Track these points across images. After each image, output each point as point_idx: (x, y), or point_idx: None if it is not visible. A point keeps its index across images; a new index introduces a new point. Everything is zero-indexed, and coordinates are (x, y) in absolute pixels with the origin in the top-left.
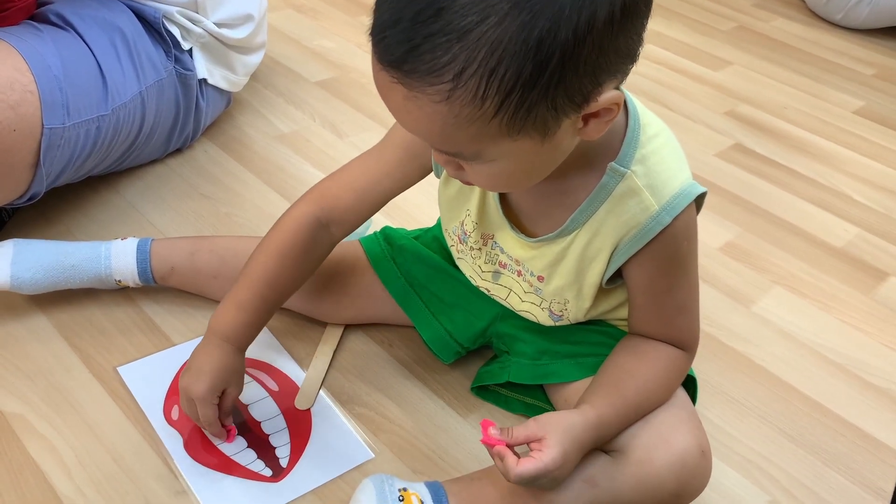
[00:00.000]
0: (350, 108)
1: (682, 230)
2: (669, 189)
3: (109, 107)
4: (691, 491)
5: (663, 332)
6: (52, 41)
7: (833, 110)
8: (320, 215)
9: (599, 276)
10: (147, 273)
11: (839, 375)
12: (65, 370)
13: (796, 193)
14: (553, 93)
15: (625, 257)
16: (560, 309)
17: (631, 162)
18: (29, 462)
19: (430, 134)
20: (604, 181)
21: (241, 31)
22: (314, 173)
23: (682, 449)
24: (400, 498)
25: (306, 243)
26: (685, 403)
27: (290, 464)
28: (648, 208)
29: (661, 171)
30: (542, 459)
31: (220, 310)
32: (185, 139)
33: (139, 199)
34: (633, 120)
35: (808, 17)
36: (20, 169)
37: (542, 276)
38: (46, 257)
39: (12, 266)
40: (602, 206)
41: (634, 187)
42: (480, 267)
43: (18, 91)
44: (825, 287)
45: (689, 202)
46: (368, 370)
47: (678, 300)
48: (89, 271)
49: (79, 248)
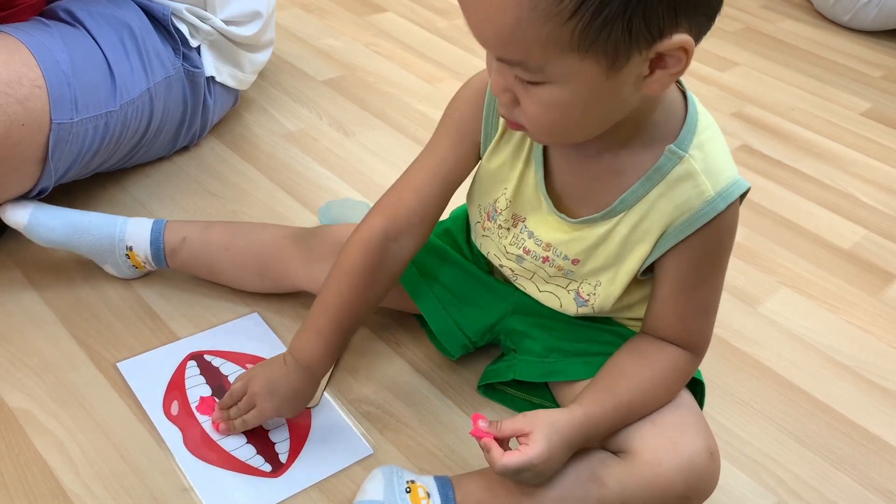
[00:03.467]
0: (357, 106)
1: (730, 222)
2: (725, 177)
3: (117, 103)
4: (700, 494)
5: (677, 330)
6: (61, 37)
7: (840, 112)
8: (387, 227)
9: (640, 261)
10: (159, 242)
11: (846, 377)
12: (71, 365)
13: (803, 195)
14: (632, 11)
15: (672, 242)
16: (589, 293)
17: (689, 146)
18: (36, 457)
19: (501, 29)
20: (660, 163)
21: (249, 28)
22: (321, 171)
23: (690, 451)
24: (407, 489)
25: (377, 260)
26: (692, 406)
27: (289, 459)
28: (704, 193)
29: (716, 158)
30: (527, 453)
31: (301, 335)
32: (192, 137)
33: (146, 196)
34: (692, 107)
35: (816, 19)
36: (29, 163)
37: (578, 259)
38: (66, 212)
39: (34, 208)
40: (655, 189)
41: (692, 171)
42: (506, 248)
43: (27, 86)
44: (832, 288)
45: (741, 192)
46: (375, 368)
47: (702, 299)
48: (104, 231)
49: (98, 213)
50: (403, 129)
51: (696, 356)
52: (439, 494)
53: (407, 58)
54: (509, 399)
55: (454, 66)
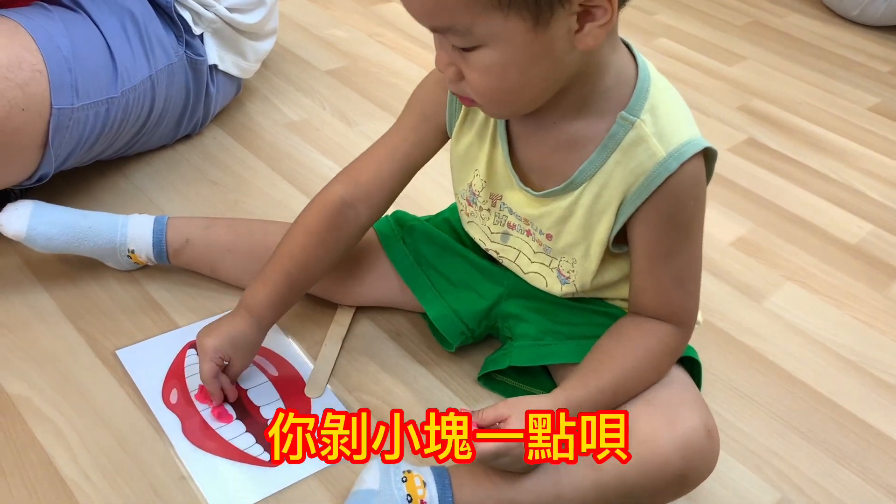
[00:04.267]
0: (360, 96)
1: (688, 183)
2: (677, 138)
3: (119, 89)
4: (698, 473)
5: (658, 304)
6: (62, 22)
7: (848, 107)
8: (344, 193)
9: (607, 231)
10: (161, 244)
11: (851, 372)
12: (71, 354)
13: (809, 189)
14: None
15: (632, 209)
16: (568, 270)
17: (641, 111)
18: (35, 445)
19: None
20: (613, 130)
21: (252, 16)
22: (323, 161)
23: (687, 428)
24: (403, 479)
25: (331, 221)
26: (688, 384)
27: None
28: (655, 154)
29: (669, 121)
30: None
31: (250, 285)
32: (194, 125)
33: (148, 183)
34: (644, 72)
35: (824, 14)
36: (29, 149)
37: (551, 234)
38: (64, 216)
39: (31, 218)
40: (611, 157)
41: (643, 135)
42: (490, 228)
43: (27, 70)
44: (838, 283)
45: (696, 151)
46: (376, 358)
47: (677, 269)
48: (104, 236)
49: (97, 214)
50: None
51: (682, 330)
52: (436, 483)
53: (410, 48)
54: (510, 390)
55: None
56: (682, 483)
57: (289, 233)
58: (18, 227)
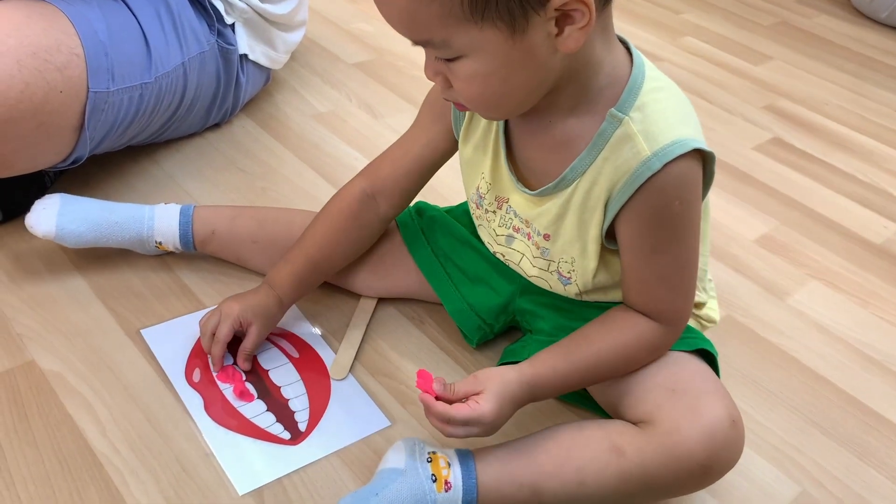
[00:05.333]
0: (386, 89)
1: (673, 184)
2: (664, 138)
3: (153, 75)
4: (722, 463)
5: (643, 300)
6: (100, 8)
7: (875, 108)
8: (366, 186)
9: (598, 228)
10: (188, 236)
11: (874, 370)
12: (102, 332)
13: (835, 189)
14: None
15: (617, 206)
16: (568, 270)
17: (630, 109)
18: (66, 419)
19: (400, 13)
20: (602, 127)
21: (283, 6)
22: (349, 152)
23: (712, 417)
24: (428, 459)
25: (352, 211)
26: (710, 375)
27: (308, 428)
28: (640, 153)
29: (657, 119)
30: (478, 409)
31: (277, 264)
32: (224, 114)
33: (177, 170)
34: (637, 70)
35: (853, 15)
36: (65, 131)
37: (549, 234)
38: (92, 212)
39: (58, 217)
40: (600, 154)
41: (630, 133)
42: (495, 230)
43: (65, 53)
44: (863, 283)
45: (682, 151)
46: (398, 344)
47: (660, 266)
48: (131, 230)
49: (124, 208)
50: None
51: (667, 328)
52: (460, 464)
53: None
54: None
55: None
56: (705, 473)
57: (314, 221)
58: (47, 227)
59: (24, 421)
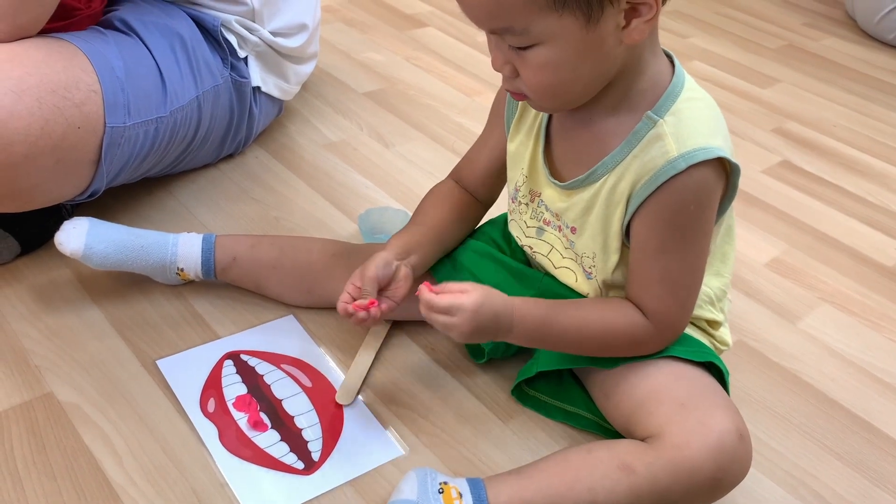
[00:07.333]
0: (397, 118)
1: (693, 187)
2: (693, 142)
3: (168, 109)
4: (731, 477)
5: (640, 295)
6: (116, 45)
7: (884, 129)
8: (456, 179)
9: (620, 222)
10: (210, 262)
11: (888, 394)
12: (118, 362)
13: (845, 211)
14: None
15: (638, 201)
16: (590, 265)
17: (665, 112)
18: (83, 449)
19: (485, 3)
20: (637, 127)
21: (295, 40)
22: (360, 180)
23: (719, 431)
24: (440, 490)
25: (456, 193)
26: (717, 389)
27: (321, 457)
28: (668, 153)
29: (690, 125)
30: (458, 298)
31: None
32: (237, 145)
33: (192, 201)
34: (678, 79)
35: (860, 37)
36: (83, 165)
37: (575, 228)
38: (119, 235)
39: (87, 237)
40: (631, 152)
41: (662, 133)
42: (526, 223)
43: (84, 90)
44: (874, 306)
45: (707, 157)
46: (410, 372)
47: (664, 266)
48: (155, 255)
49: (149, 234)
50: (442, 140)
51: (655, 329)
52: (471, 495)
53: (446, 71)
54: (542, 405)
55: (492, 79)
56: (715, 487)
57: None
58: (76, 245)
59: (43, 452)
